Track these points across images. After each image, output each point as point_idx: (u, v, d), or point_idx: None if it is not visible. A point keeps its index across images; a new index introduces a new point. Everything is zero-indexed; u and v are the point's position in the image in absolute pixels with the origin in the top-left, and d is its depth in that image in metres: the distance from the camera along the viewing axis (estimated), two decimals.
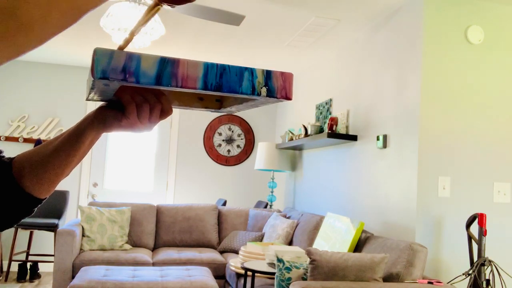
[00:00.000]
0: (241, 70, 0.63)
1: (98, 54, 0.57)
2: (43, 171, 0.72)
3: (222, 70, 0.62)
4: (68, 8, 0.39)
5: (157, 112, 0.70)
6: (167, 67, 0.59)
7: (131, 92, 0.68)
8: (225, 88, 0.62)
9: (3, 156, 0.76)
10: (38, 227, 4.85)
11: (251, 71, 0.64)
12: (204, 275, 3.53)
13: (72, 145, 0.73)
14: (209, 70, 0.61)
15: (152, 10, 0.66)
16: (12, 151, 5.51)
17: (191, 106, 0.80)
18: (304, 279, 2.84)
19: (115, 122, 0.71)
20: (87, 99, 0.74)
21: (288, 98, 0.66)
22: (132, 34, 0.67)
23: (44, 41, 0.40)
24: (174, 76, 0.59)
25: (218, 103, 0.82)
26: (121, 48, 0.66)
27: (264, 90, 0.64)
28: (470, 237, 2.81)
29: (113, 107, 0.72)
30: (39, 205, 0.76)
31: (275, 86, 0.65)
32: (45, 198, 0.76)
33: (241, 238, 4.65)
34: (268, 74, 0.65)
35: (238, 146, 6.14)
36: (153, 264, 4.22)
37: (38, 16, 0.36)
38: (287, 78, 0.66)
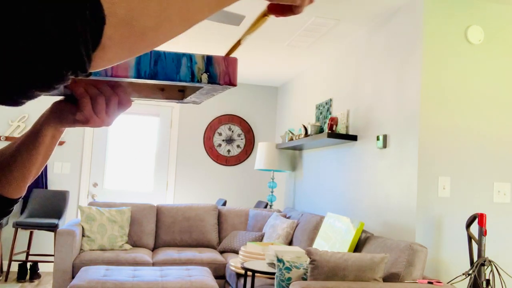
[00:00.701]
0: (178, 57, 0.59)
1: None
2: (9, 171, 0.71)
3: (157, 57, 0.58)
4: (178, 20, 0.42)
5: (114, 104, 0.67)
6: None
7: (84, 84, 0.65)
8: (161, 75, 0.58)
9: None
10: (38, 227, 4.85)
11: (190, 57, 0.60)
12: (204, 275, 3.53)
13: (32, 143, 0.71)
14: (142, 58, 0.58)
15: (261, 20, 0.64)
16: None
17: (153, 97, 0.76)
18: (304, 279, 2.84)
19: (71, 116, 0.69)
20: (44, 94, 0.72)
21: (232, 84, 0.62)
22: (239, 42, 0.65)
23: (154, 47, 0.43)
24: None
25: (181, 94, 0.77)
26: (227, 54, 0.63)
27: (205, 77, 0.60)
28: (470, 237, 2.81)
29: (69, 101, 0.70)
30: (14, 205, 0.75)
31: (217, 72, 0.61)
32: (19, 198, 0.75)
33: (241, 238, 4.65)
34: (208, 59, 0.61)
35: (238, 146, 6.14)
36: (153, 264, 4.22)
37: (150, 27, 0.40)
38: (230, 63, 0.62)
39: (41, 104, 5.66)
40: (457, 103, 3.12)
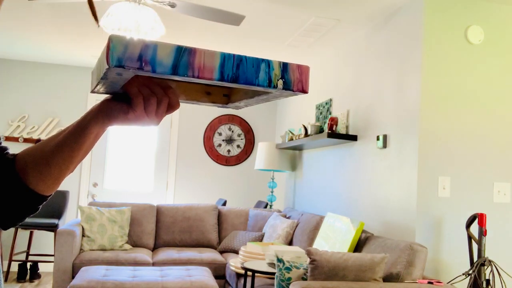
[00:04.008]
0: (257, 62, 0.61)
1: (114, 41, 0.54)
2: (46, 168, 0.71)
3: (239, 61, 0.60)
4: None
5: (164, 105, 0.69)
6: (184, 56, 0.58)
7: (138, 84, 0.67)
8: (242, 79, 0.60)
9: (8, 153, 0.74)
10: (38, 227, 4.85)
11: (268, 62, 0.62)
12: (204, 275, 3.53)
13: (76, 140, 0.70)
14: (226, 61, 0.60)
15: None
16: (12, 151, 5.51)
17: (198, 101, 0.78)
18: (304, 279, 2.84)
19: (121, 115, 0.69)
20: (92, 91, 0.72)
21: (304, 91, 0.65)
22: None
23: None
24: (190, 66, 0.58)
25: (225, 98, 0.80)
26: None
27: (280, 83, 0.63)
28: (470, 237, 2.81)
29: (118, 100, 0.70)
30: (44, 202, 0.75)
31: (291, 79, 0.64)
32: (50, 195, 0.74)
33: (241, 238, 4.65)
34: (284, 66, 0.63)
35: (238, 146, 6.14)
36: (153, 264, 4.22)
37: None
38: (303, 71, 0.65)
39: (41, 104, 5.66)
40: (457, 103, 3.12)
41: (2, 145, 0.75)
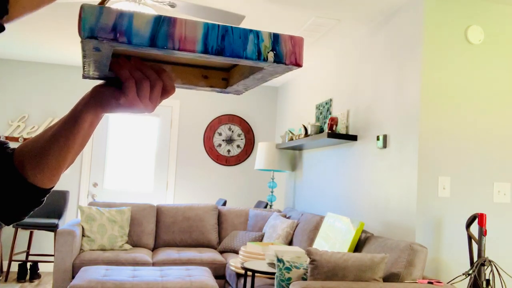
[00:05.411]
0: (245, 32, 0.56)
1: (85, 11, 0.51)
2: (43, 159, 0.70)
3: (224, 32, 0.56)
4: None
5: (158, 89, 0.65)
6: (163, 26, 0.53)
7: (129, 67, 0.64)
8: (228, 52, 0.55)
9: (7, 148, 0.74)
10: (38, 227, 4.85)
11: (257, 33, 0.57)
12: (204, 275, 3.53)
13: (70, 129, 0.69)
14: (209, 31, 0.55)
15: None
16: None
17: (195, 85, 0.73)
18: (304, 279, 2.84)
19: (113, 101, 0.66)
20: (84, 76, 0.69)
21: (298, 64, 0.59)
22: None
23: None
24: (170, 37, 0.53)
25: (224, 82, 0.75)
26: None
27: (271, 55, 0.58)
28: (470, 237, 2.81)
29: (111, 85, 0.68)
30: (47, 195, 0.73)
31: (283, 51, 0.59)
32: (51, 188, 0.73)
33: (241, 238, 4.65)
34: (275, 37, 0.59)
35: (238, 146, 6.14)
36: (153, 264, 4.22)
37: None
38: (297, 42, 0.60)
39: (41, 104, 5.66)
40: (457, 103, 3.12)
41: (2, 140, 0.75)
